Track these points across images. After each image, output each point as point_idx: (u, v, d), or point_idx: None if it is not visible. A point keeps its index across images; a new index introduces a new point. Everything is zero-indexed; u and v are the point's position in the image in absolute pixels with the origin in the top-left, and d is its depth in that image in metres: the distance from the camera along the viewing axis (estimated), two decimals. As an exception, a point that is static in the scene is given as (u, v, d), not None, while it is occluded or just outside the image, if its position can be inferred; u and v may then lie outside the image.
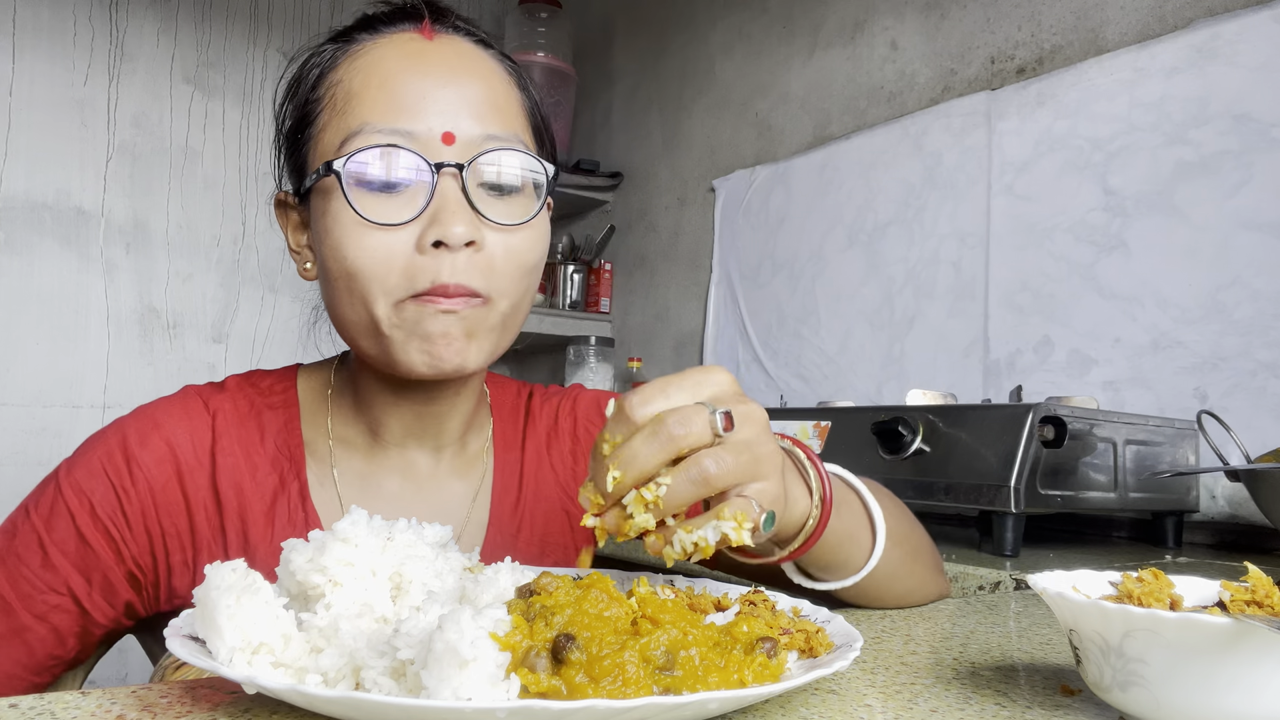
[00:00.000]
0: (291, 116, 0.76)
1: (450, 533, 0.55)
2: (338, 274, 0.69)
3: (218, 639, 0.43)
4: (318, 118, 0.73)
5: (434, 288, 0.67)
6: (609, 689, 0.39)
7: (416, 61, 0.71)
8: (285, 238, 0.80)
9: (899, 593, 0.75)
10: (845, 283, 2.17)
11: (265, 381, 0.81)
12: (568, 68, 2.88)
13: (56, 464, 0.75)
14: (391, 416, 0.79)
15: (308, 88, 0.75)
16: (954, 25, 1.99)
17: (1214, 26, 1.55)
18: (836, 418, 1.47)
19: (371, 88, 0.70)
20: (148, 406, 0.78)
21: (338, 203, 0.69)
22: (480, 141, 0.70)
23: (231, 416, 0.77)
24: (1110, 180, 1.67)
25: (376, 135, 0.68)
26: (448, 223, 0.67)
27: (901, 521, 0.74)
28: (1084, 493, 1.29)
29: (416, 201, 0.68)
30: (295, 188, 0.76)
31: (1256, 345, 1.46)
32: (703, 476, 0.50)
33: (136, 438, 0.74)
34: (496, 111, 0.72)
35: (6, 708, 0.41)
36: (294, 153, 0.76)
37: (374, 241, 0.68)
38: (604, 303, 2.90)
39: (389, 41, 0.73)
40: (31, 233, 2.39)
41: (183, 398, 0.78)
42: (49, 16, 2.41)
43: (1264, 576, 0.46)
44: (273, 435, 0.78)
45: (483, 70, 0.73)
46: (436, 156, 0.69)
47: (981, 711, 0.47)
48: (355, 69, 0.72)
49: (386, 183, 0.68)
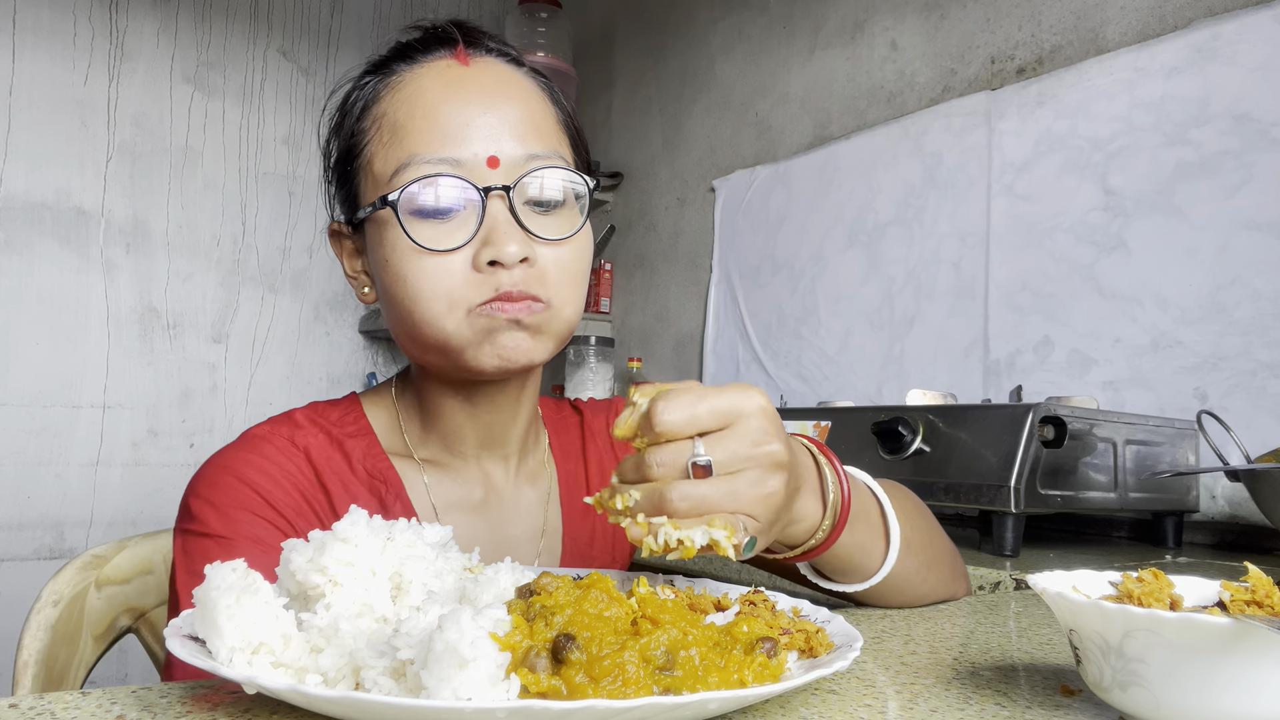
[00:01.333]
0: (339, 149, 0.80)
1: (450, 533, 0.55)
2: (401, 298, 0.72)
3: (218, 639, 0.43)
4: (365, 149, 0.76)
5: (499, 294, 0.71)
6: (609, 689, 0.39)
7: (456, 89, 0.74)
8: (342, 265, 0.82)
9: (913, 596, 0.76)
10: (845, 283, 2.17)
11: (333, 413, 0.82)
12: (568, 68, 2.88)
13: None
14: (466, 428, 0.81)
15: (353, 120, 0.78)
16: (954, 25, 1.99)
17: (1214, 26, 1.55)
18: (836, 418, 1.47)
19: (416, 119, 0.73)
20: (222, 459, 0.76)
21: (394, 232, 0.72)
22: (523, 162, 0.73)
23: (319, 452, 0.78)
24: (1110, 180, 1.67)
25: (425, 166, 0.72)
26: (500, 243, 0.70)
27: (920, 529, 0.75)
28: (1084, 493, 1.29)
29: (469, 225, 0.71)
30: (348, 217, 0.79)
31: (1256, 345, 1.46)
32: (659, 502, 0.52)
33: (252, 469, 0.74)
34: (536, 130, 0.75)
35: (6, 708, 0.41)
36: (344, 183, 0.79)
37: (432, 265, 0.71)
38: (604, 303, 2.90)
39: (426, 71, 0.76)
40: (31, 233, 2.39)
41: (269, 438, 0.77)
42: (49, 16, 2.41)
43: (1264, 576, 0.46)
44: (360, 462, 0.79)
45: (519, 91, 0.76)
46: (484, 180, 0.72)
47: (981, 711, 0.47)
48: (399, 100, 0.75)
49: (438, 209, 0.71)
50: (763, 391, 0.56)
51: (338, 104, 0.82)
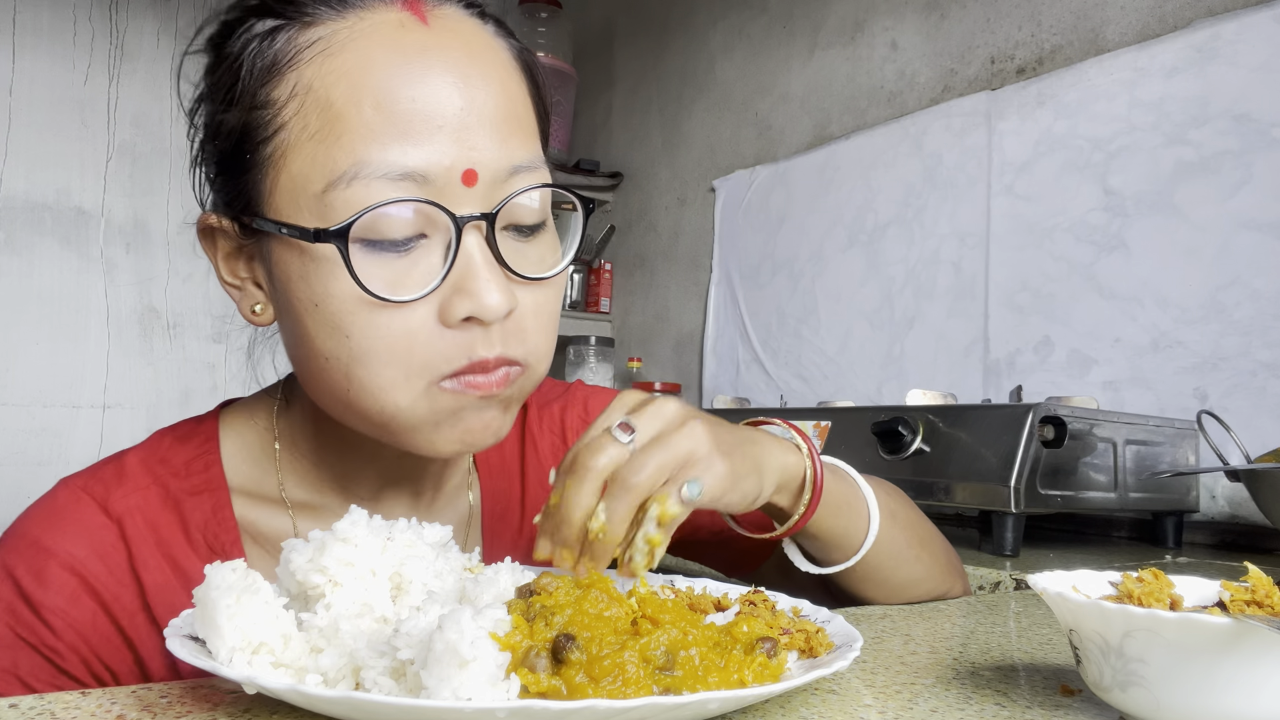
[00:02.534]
0: (228, 122, 0.58)
1: (450, 533, 0.55)
2: (336, 354, 0.55)
3: (218, 639, 0.43)
4: (277, 134, 0.55)
5: (472, 365, 0.55)
6: (609, 689, 0.39)
7: (417, 64, 0.54)
8: (215, 266, 0.62)
9: (907, 579, 0.74)
10: (845, 283, 2.16)
11: (179, 457, 0.65)
12: (568, 68, 2.88)
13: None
14: (367, 470, 0.66)
15: (254, 83, 0.56)
16: (954, 25, 1.99)
17: (1214, 26, 1.55)
18: (836, 418, 1.47)
19: (364, 107, 0.53)
20: (25, 525, 0.61)
21: (330, 270, 0.54)
22: (505, 177, 0.56)
23: (142, 517, 0.61)
24: (1110, 180, 1.67)
25: (380, 184, 0.53)
26: (480, 292, 0.54)
27: (903, 508, 0.74)
28: (1084, 493, 1.29)
29: (431, 261, 0.55)
30: (235, 214, 0.59)
31: (1256, 345, 1.46)
32: (626, 488, 0.50)
33: (31, 578, 0.58)
34: (517, 127, 0.58)
35: (6, 708, 0.41)
36: (234, 170, 0.58)
37: (386, 320, 0.54)
38: (604, 303, 2.90)
39: (370, 27, 0.55)
40: (31, 233, 2.39)
41: (72, 506, 0.61)
42: (49, 16, 2.41)
43: (1264, 576, 0.46)
44: (199, 528, 0.63)
45: (495, 65, 0.58)
46: (458, 204, 0.54)
47: (981, 711, 0.47)
48: (333, 72, 0.54)
49: (394, 241, 0.54)
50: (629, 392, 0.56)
51: (214, 44, 0.59)
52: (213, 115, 0.59)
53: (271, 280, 0.59)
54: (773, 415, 0.78)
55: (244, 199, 0.58)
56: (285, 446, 0.67)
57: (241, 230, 0.59)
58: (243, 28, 0.58)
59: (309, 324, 0.56)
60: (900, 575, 0.74)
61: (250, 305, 0.62)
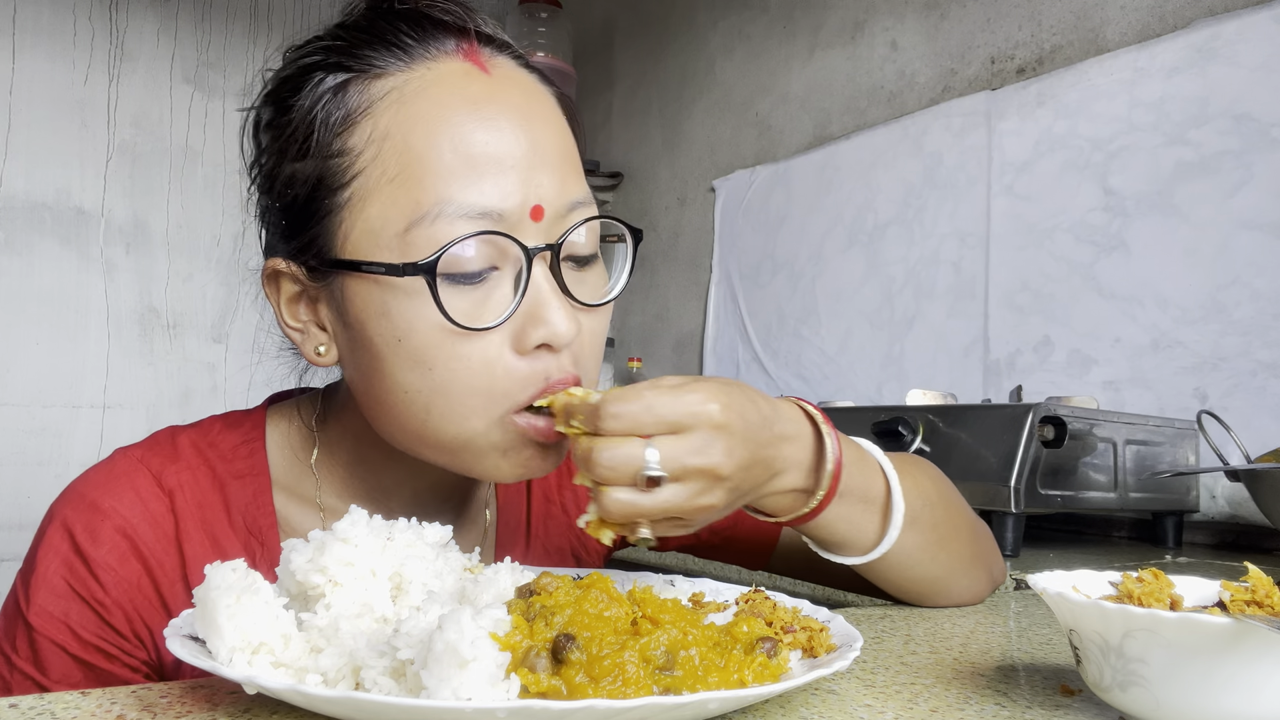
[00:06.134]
0: (301, 172, 0.61)
1: (450, 532, 0.55)
2: (418, 388, 0.58)
3: (218, 639, 0.43)
4: (355, 179, 0.59)
5: (549, 386, 0.59)
6: (609, 689, 0.39)
7: (487, 110, 0.59)
8: (277, 311, 0.65)
9: (923, 577, 0.72)
10: (845, 283, 2.16)
11: (227, 442, 0.69)
12: (568, 68, 2.88)
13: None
14: (403, 487, 0.70)
15: (329, 134, 0.60)
16: (954, 25, 1.99)
17: (1214, 26, 1.55)
18: (836, 418, 1.45)
19: (444, 151, 0.57)
20: (84, 487, 0.65)
21: (415, 306, 0.57)
22: (566, 211, 0.61)
23: (192, 494, 0.66)
24: (1110, 180, 1.67)
25: (461, 221, 0.56)
26: (553, 320, 0.58)
27: (934, 507, 0.71)
28: (1084, 493, 1.29)
29: (504, 291, 0.59)
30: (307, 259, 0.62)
31: (1256, 345, 1.46)
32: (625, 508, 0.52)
33: (86, 535, 0.63)
34: (572, 166, 0.63)
35: (7, 708, 0.41)
36: (307, 218, 0.61)
37: (466, 351, 0.57)
38: (604, 303, 2.90)
39: (437, 76, 0.60)
40: (31, 233, 2.39)
41: (129, 474, 0.65)
42: (49, 16, 2.41)
43: (1264, 576, 0.46)
44: (240, 511, 0.67)
45: (548, 110, 0.63)
46: (528, 237, 0.58)
47: (981, 711, 0.47)
48: (408, 120, 0.58)
49: (470, 274, 0.57)
50: (725, 400, 0.54)
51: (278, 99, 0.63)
52: (279, 166, 0.62)
53: (343, 320, 0.62)
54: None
55: (315, 244, 0.61)
56: (324, 451, 0.71)
57: (309, 274, 0.62)
58: (311, 83, 0.61)
59: (389, 359, 0.59)
60: (916, 575, 0.71)
61: (314, 347, 0.65)
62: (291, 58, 0.64)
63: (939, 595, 0.75)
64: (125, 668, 0.63)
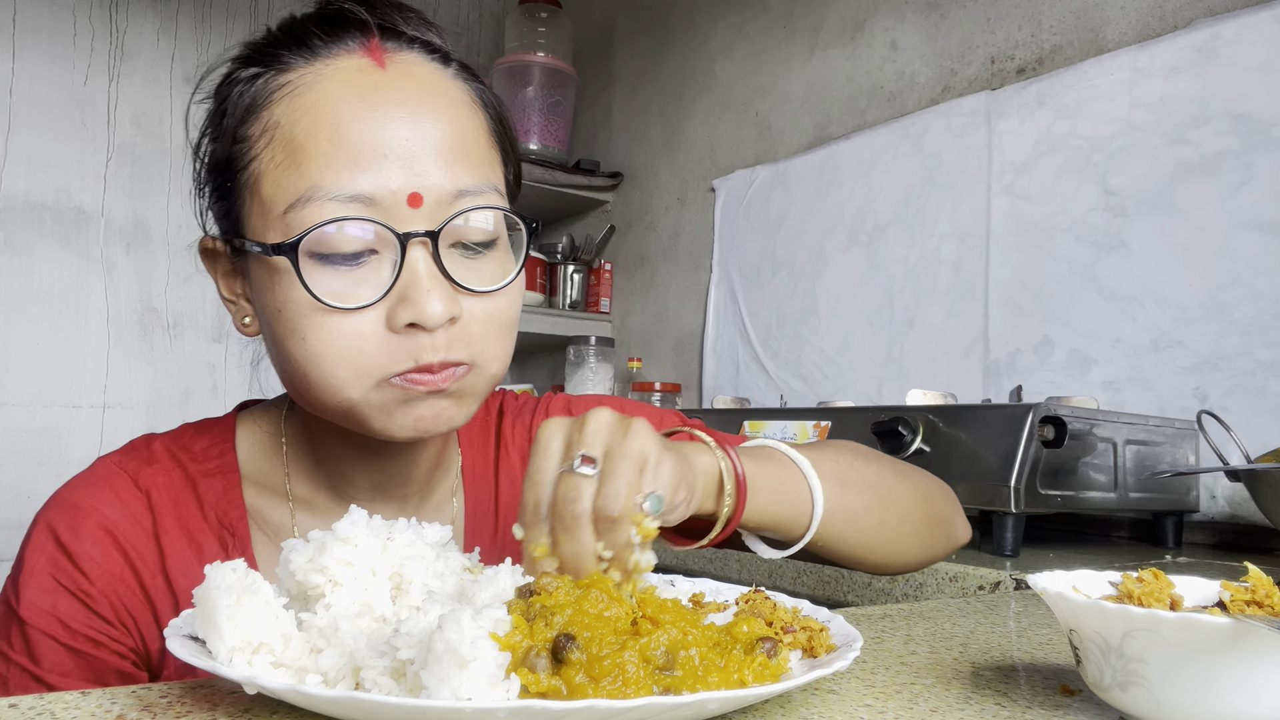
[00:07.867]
0: (215, 155, 0.67)
1: (450, 533, 0.55)
2: (296, 356, 0.63)
3: (218, 639, 0.43)
4: (251, 164, 0.64)
5: (417, 367, 0.62)
6: (609, 689, 0.39)
7: (371, 104, 0.62)
8: (216, 285, 0.71)
9: (886, 539, 0.72)
10: (845, 283, 2.17)
11: (199, 445, 0.73)
12: (568, 68, 2.88)
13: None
14: (357, 473, 0.73)
15: (235, 122, 0.65)
16: (954, 25, 1.99)
17: (1214, 26, 1.55)
18: (836, 418, 1.47)
19: (321, 140, 0.61)
20: (65, 492, 0.70)
21: (288, 281, 0.61)
22: (451, 200, 0.63)
23: (166, 492, 0.70)
24: (1110, 180, 1.67)
25: (331, 204, 0.60)
26: (421, 302, 0.60)
27: (861, 471, 0.71)
28: (1084, 493, 1.29)
29: (381, 274, 0.61)
30: (226, 237, 0.68)
31: (1256, 345, 1.46)
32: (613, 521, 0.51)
33: (69, 532, 0.67)
34: (465, 156, 0.64)
35: (6, 708, 0.41)
36: (222, 196, 0.67)
37: (337, 324, 0.61)
38: (604, 303, 2.90)
39: (333, 72, 0.63)
40: (31, 233, 2.39)
41: (108, 478, 0.70)
42: (49, 16, 2.41)
43: (1264, 576, 0.46)
44: (212, 506, 0.71)
45: (446, 102, 0.65)
46: (403, 223, 0.61)
47: (981, 711, 0.47)
48: (297, 110, 0.62)
49: (345, 255, 0.61)
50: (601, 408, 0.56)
51: (212, 90, 0.69)
52: (207, 149, 0.69)
53: (255, 297, 0.67)
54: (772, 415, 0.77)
55: (231, 222, 0.67)
56: (291, 445, 0.75)
57: (232, 251, 0.68)
58: (233, 75, 0.68)
59: (276, 329, 0.64)
60: (877, 538, 0.72)
61: (241, 318, 0.70)
62: (230, 54, 0.70)
63: (893, 561, 0.75)
64: (114, 654, 0.66)
